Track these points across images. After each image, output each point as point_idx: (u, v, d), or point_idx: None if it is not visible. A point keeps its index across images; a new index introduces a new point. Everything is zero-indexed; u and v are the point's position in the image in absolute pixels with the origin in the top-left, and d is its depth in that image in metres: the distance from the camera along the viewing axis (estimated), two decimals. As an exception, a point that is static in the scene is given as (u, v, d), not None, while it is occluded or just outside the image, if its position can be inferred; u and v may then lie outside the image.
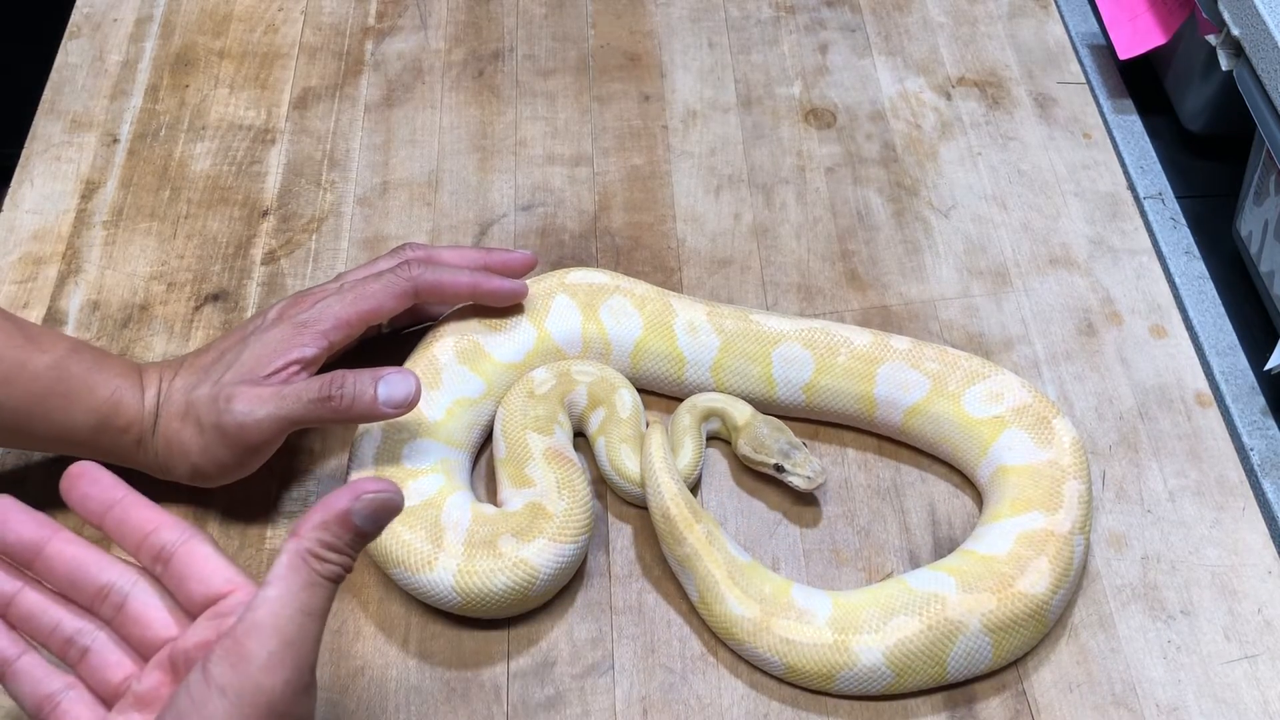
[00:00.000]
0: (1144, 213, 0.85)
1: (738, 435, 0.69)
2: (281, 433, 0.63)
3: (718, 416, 0.71)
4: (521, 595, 0.62)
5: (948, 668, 0.61)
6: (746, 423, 0.69)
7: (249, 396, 0.62)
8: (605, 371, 0.71)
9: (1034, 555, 0.62)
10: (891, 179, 0.86)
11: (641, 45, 0.95)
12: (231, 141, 0.89)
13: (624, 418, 0.69)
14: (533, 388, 0.70)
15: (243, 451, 0.63)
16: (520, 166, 0.87)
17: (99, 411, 0.63)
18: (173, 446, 0.64)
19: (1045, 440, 0.66)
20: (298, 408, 0.62)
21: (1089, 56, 0.95)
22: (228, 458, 0.63)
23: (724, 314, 0.72)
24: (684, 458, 0.68)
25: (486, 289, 0.70)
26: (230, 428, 0.62)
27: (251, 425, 0.62)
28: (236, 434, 0.62)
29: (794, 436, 0.69)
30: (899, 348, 0.70)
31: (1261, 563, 0.67)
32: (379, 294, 0.67)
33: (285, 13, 0.98)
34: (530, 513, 0.64)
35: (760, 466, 0.68)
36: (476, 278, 0.70)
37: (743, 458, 0.69)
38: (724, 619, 0.62)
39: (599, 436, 0.69)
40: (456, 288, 0.69)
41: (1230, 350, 0.78)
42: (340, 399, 0.62)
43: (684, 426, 0.70)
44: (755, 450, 0.68)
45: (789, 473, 0.67)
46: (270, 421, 0.62)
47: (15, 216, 0.84)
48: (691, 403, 0.71)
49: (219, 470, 0.64)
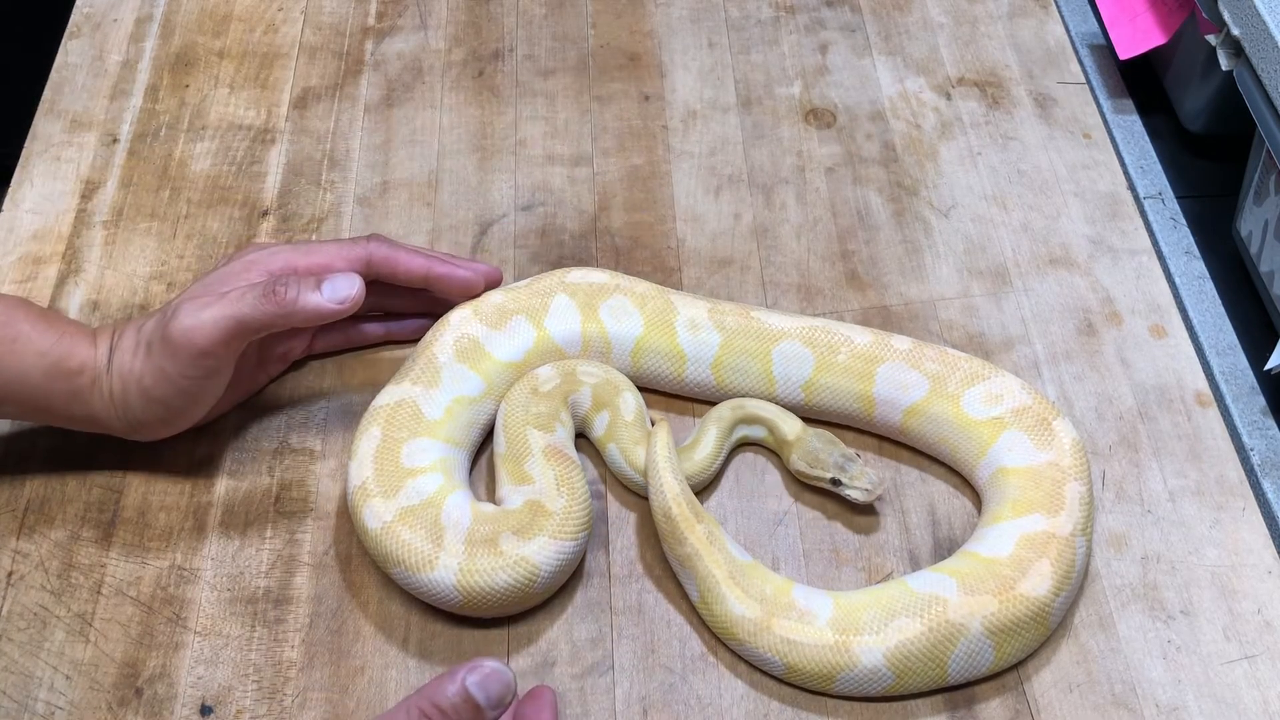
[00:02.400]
0: (1144, 213, 0.85)
1: (789, 450, 0.69)
2: (229, 336, 0.63)
3: (764, 426, 0.70)
4: (523, 593, 0.62)
5: (949, 670, 0.61)
6: (797, 437, 0.69)
7: (195, 304, 0.63)
8: (610, 374, 0.71)
9: (1036, 557, 0.62)
10: (891, 179, 0.86)
11: (641, 45, 0.95)
12: (231, 141, 0.89)
13: (630, 420, 0.69)
14: (537, 385, 0.70)
15: (192, 360, 0.63)
16: (520, 166, 0.87)
17: (50, 355, 0.64)
18: (127, 380, 0.64)
19: (1045, 442, 0.66)
20: (243, 306, 0.62)
21: (1089, 56, 0.95)
22: (179, 374, 0.63)
23: (725, 311, 0.72)
24: (703, 449, 0.68)
25: (439, 273, 0.70)
26: (176, 334, 0.62)
27: (196, 327, 0.62)
28: (183, 340, 0.62)
29: (846, 448, 0.68)
30: (899, 348, 0.70)
31: (1261, 563, 0.67)
32: (331, 252, 0.68)
33: (285, 13, 0.98)
34: (530, 510, 0.64)
35: (816, 481, 0.68)
36: (432, 261, 0.70)
37: (797, 473, 0.69)
38: (724, 619, 0.62)
39: (609, 442, 0.69)
40: (410, 267, 0.70)
41: (1230, 350, 0.78)
42: (285, 292, 0.62)
43: (718, 418, 0.69)
44: (810, 465, 0.68)
45: (846, 486, 0.67)
46: (215, 320, 0.62)
47: (15, 216, 0.84)
48: (739, 403, 0.70)
49: (175, 394, 0.64)
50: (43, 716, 0.62)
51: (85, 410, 0.65)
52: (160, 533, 0.68)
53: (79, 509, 0.69)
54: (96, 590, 0.66)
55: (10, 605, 0.66)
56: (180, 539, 0.68)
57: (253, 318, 0.62)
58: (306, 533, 0.68)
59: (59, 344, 0.64)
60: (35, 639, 0.64)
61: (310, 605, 0.66)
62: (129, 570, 0.67)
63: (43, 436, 0.72)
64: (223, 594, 0.66)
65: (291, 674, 0.63)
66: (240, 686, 0.63)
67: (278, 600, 0.66)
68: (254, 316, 0.62)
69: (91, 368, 0.64)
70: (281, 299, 0.62)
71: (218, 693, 0.63)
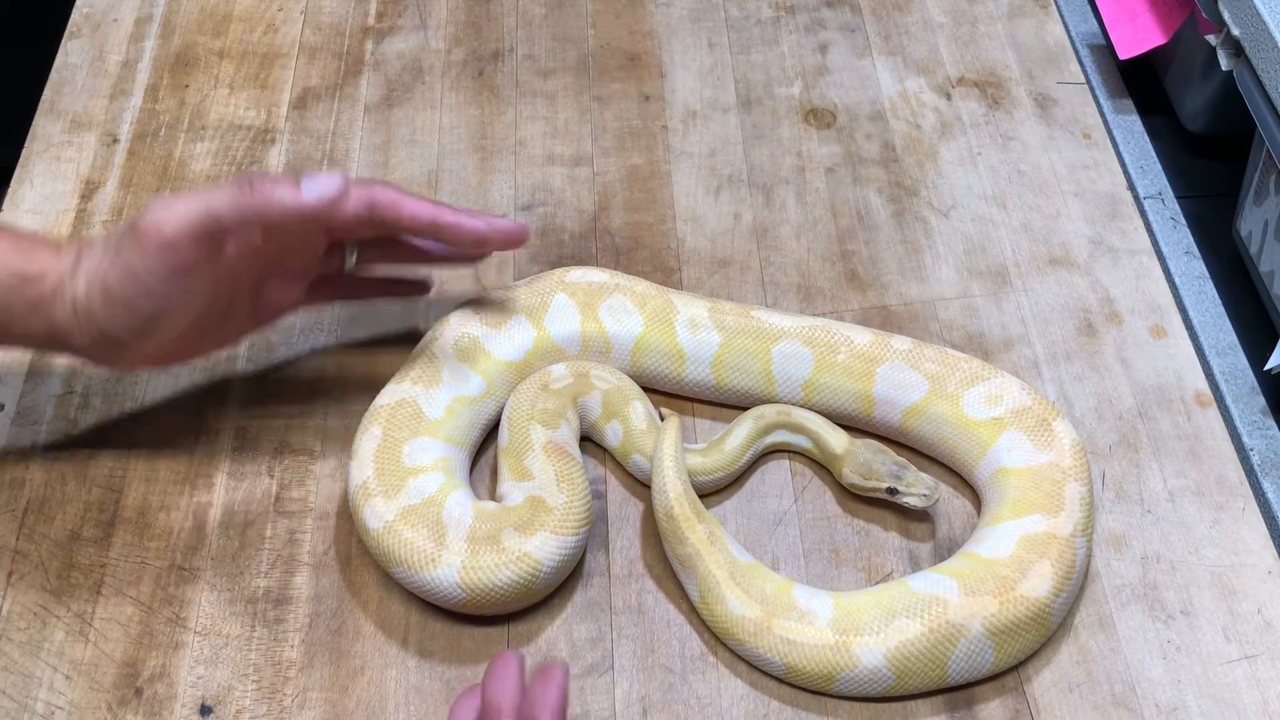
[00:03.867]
0: (1144, 213, 0.85)
1: (839, 464, 0.68)
2: (198, 229, 0.59)
3: (809, 437, 0.70)
4: (525, 589, 0.62)
5: (949, 671, 0.61)
6: (846, 450, 0.68)
7: (166, 199, 0.59)
8: (622, 381, 0.71)
9: (1036, 558, 0.62)
10: (891, 179, 0.86)
11: (641, 45, 0.95)
12: (231, 141, 0.89)
13: (644, 429, 0.69)
14: (548, 381, 0.70)
15: (159, 253, 0.58)
16: (520, 166, 0.87)
17: (8, 263, 0.60)
18: (92, 280, 0.60)
19: (1045, 442, 0.66)
20: (216, 197, 0.59)
21: (1089, 56, 0.95)
22: (144, 269, 0.59)
23: (725, 310, 0.72)
24: (731, 442, 0.68)
25: (448, 221, 0.64)
26: (144, 223, 0.58)
27: (165, 217, 0.58)
28: (151, 229, 0.58)
29: (896, 455, 0.68)
30: (899, 348, 0.70)
31: (1261, 563, 0.67)
32: (330, 187, 0.61)
33: (285, 13, 0.98)
34: (530, 506, 0.64)
35: (872, 493, 0.68)
36: (441, 209, 0.64)
37: (850, 486, 0.68)
38: (725, 619, 0.62)
39: (631, 454, 0.69)
40: (416, 212, 0.63)
41: (1230, 350, 0.78)
42: (260, 184, 0.59)
43: (758, 416, 0.69)
44: (865, 477, 0.67)
45: (903, 494, 0.67)
46: (185, 210, 0.58)
47: (15, 216, 0.84)
48: (785, 408, 0.70)
49: (140, 294, 0.59)
50: (43, 716, 0.62)
51: (46, 323, 0.61)
52: (160, 533, 0.68)
53: (79, 509, 0.69)
54: (96, 590, 0.66)
55: (10, 605, 0.66)
56: (180, 539, 0.68)
57: (225, 210, 0.58)
58: (306, 533, 0.68)
59: (17, 250, 0.60)
60: (35, 639, 0.64)
61: (310, 605, 0.66)
62: (129, 570, 0.67)
63: (43, 436, 0.72)
64: (222, 594, 0.66)
65: (291, 674, 0.63)
66: (240, 686, 0.63)
67: (278, 600, 0.66)
68: (226, 209, 0.58)
69: (55, 274, 0.60)
70: (259, 189, 0.59)
71: (217, 692, 0.63)
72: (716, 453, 0.68)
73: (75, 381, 0.75)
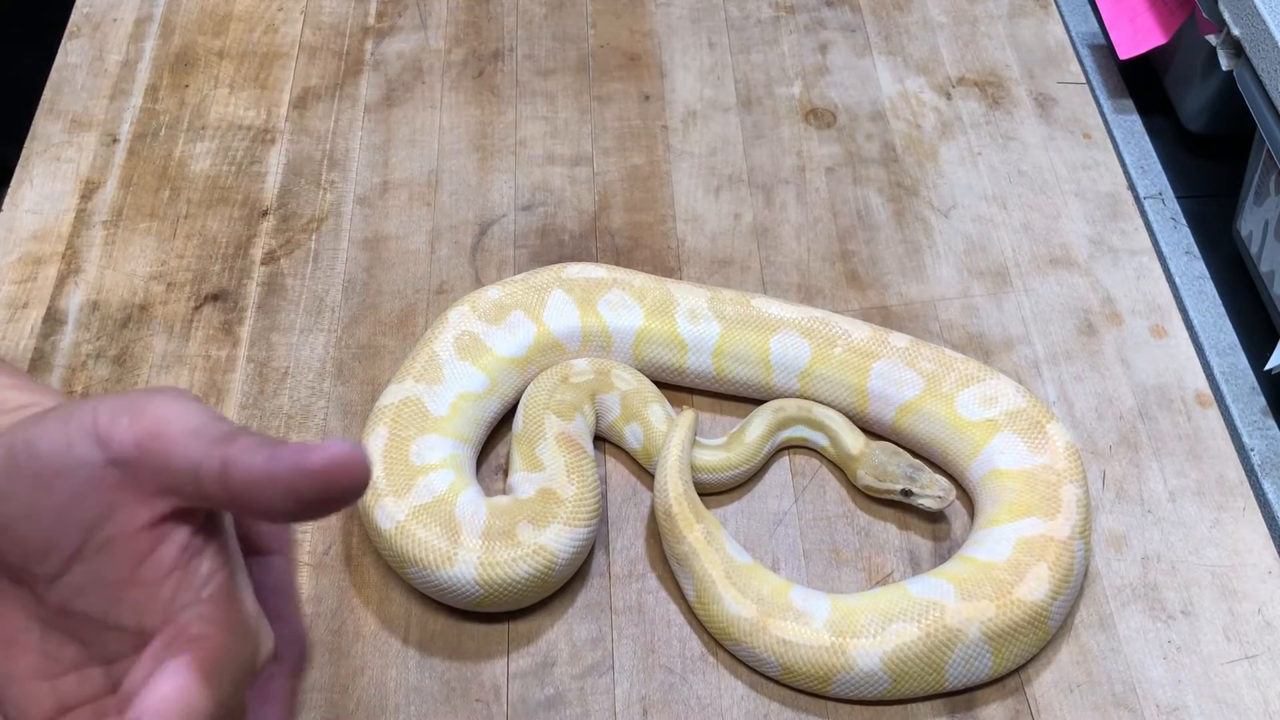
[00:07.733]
0: (1144, 213, 0.85)
1: (855, 465, 0.68)
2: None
3: (826, 435, 0.70)
4: (542, 581, 0.63)
5: (946, 675, 0.60)
6: (861, 452, 0.68)
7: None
8: (641, 383, 0.71)
9: (1034, 561, 0.62)
10: (891, 179, 0.86)
11: (641, 45, 0.95)
12: (231, 141, 0.89)
13: (664, 430, 0.69)
14: (568, 374, 0.70)
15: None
16: (520, 166, 0.87)
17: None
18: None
19: (1039, 445, 0.66)
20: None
21: (1089, 56, 0.95)
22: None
23: (725, 300, 0.72)
24: (750, 433, 0.68)
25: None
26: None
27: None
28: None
29: (911, 458, 0.68)
30: (897, 345, 0.70)
31: (1261, 563, 0.67)
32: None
33: (285, 13, 0.98)
34: (542, 499, 0.64)
35: (886, 495, 0.68)
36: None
37: (865, 488, 0.68)
38: (720, 618, 0.62)
39: (655, 457, 0.69)
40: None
41: (1230, 350, 0.78)
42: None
43: (777, 408, 0.69)
44: (879, 479, 0.67)
45: (918, 495, 0.67)
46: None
47: (15, 216, 0.84)
48: (805, 404, 0.70)
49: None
50: (42, 716, 0.62)
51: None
52: (160, 533, 0.68)
53: (79, 509, 0.69)
54: (96, 590, 0.66)
55: (10, 605, 0.66)
56: (180, 539, 0.68)
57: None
58: (306, 533, 0.68)
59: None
60: (35, 639, 0.64)
61: (310, 605, 0.66)
62: (129, 570, 0.67)
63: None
64: (222, 594, 0.66)
65: (291, 674, 0.63)
66: (240, 686, 0.63)
67: (277, 600, 0.66)
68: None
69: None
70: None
71: (217, 693, 0.63)
72: (739, 445, 0.68)
73: (75, 382, 0.75)
